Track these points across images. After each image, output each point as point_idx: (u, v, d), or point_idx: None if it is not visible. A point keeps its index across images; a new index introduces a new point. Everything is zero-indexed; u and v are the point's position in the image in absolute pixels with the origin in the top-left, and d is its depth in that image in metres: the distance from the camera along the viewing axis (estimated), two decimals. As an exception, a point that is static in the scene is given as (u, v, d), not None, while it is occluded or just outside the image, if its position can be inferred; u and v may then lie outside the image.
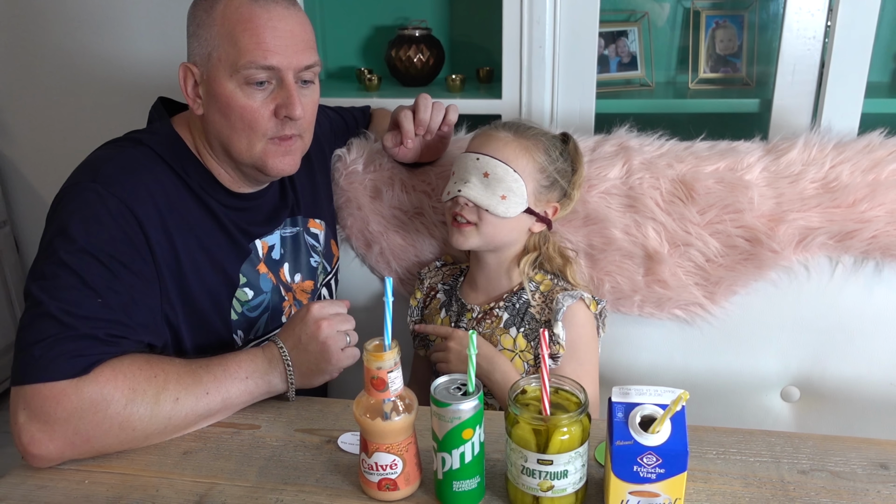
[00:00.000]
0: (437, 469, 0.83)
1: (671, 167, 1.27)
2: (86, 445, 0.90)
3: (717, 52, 1.87)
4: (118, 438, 0.91)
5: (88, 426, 0.89)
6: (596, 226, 1.28)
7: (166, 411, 0.93)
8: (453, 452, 0.80)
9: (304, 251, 1.26)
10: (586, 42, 1.63)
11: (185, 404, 0.94)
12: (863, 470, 0.87)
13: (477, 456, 0.82)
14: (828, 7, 1.53)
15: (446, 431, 0.80)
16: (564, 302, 1.14)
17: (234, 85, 1.03)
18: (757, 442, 0.93)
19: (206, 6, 1.05)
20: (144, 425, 0.92)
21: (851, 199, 1.21)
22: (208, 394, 0.96)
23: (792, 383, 1.30)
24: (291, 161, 1.10)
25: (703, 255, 1.25)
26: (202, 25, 1.05)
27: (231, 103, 1.04)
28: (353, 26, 2.01)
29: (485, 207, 1.12)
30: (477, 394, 0.80)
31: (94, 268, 0.94)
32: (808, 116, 1.59)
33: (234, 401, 0.98)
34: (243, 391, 0.98)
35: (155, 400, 0.92)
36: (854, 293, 1.24)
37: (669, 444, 0.75)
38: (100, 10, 2.07)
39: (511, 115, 1.69)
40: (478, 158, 1.13)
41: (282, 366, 1.00)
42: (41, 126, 2.24)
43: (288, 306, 1.21)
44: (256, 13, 1.02)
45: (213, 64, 1.04)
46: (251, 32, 1.01)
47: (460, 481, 0.82)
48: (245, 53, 1.01)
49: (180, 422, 0.95)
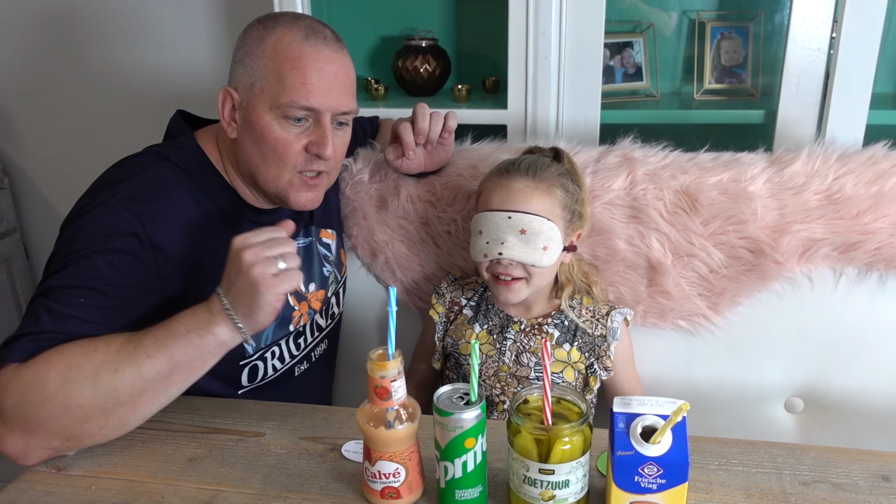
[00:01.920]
0: (440, 478, 0.83)
1: (675, 178, 1.27)
2: (44, 432, 0.89)
3: (722, 63, 1.87)
4: (70, 419, 0.88)
5: (34, 409, 0.88)
6: (600, 236, 1.29)
7: (108, 383, 0.88)
8: (455, 461, 0.81)
9: (317, 261, 1.28)
10: (591, 53, 1.64)
11: (127, 373, 0.89)
12: (865, 482, 0.87)
13: (479, 465, 0.82)
14: (832, 19, 1.54)
15: (449, 440, 0.80)
16: (617, 320, 1.23)
17: (271, 117, 1.05)
18: (759, 453, 0.93)
19: (258, 36, 1.07)
20: (89, 401, 0.88)
21: (855, 210, 1.21)
22: (150, 357, 0.89)
23: (796, 394, 1.30)
24: (314, 197, 1.13)
25: (706, 265, 1.26)
26: (250, 54, 1.06)
27: (266, 134, 1.06)
28: (360, 36, 2.03)
29: (531, 263, 1.13)
30: (479, 403, 0.81)
31: (91, 272, 0.96)
32: (813, 128, 1.59)
33: (179, 358, 0.90)
34: (188, 346, 0.91)
35: (93, 374, 0.88)
36: (858, 304, 1.24)
37: (670, 455, 0.76)
38: (111, 20, 2.09)
39: (517, 126, 1.70)
40: (510, 217, 1.13)
41: (223, 313, 0.92)
42: (51, 135, 2.26)
43: (298, 315, 1.22)
44: (306, 53, 1.04)
45: (254, 93, 1.06)
46: (298, 71, 1.04)
47: (463, 490, 0.82)
48: (289, 92, 1.04)
49: (129, 391, 0.89)
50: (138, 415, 0.92)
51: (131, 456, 0.96)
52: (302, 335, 1.25)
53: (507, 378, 1.20)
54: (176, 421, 1.03)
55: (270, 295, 0.90)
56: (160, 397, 0.92)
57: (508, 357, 1.20)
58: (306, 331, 1.26)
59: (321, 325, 1.30)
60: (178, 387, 0.93)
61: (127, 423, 0.92)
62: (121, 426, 0.92)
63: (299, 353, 1.25)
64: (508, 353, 1.20)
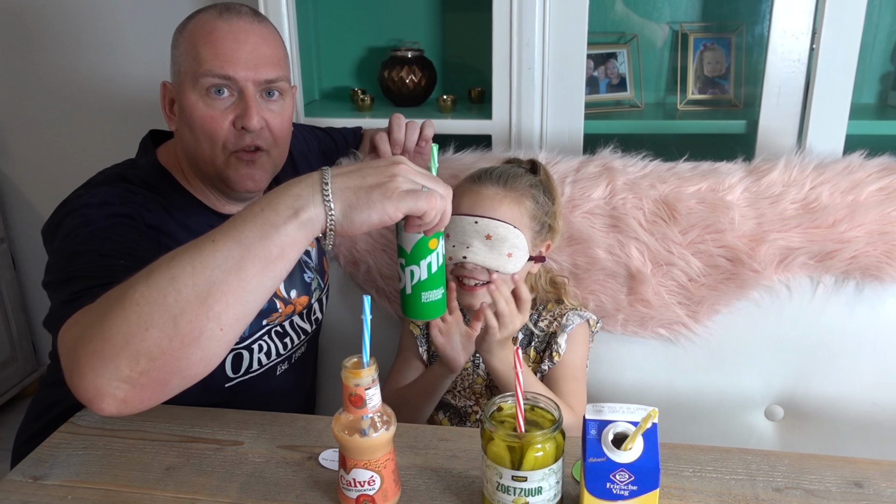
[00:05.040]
0: (406, 285, 0.86)
1: (654, 188, 1.29)
2: (108, 352, 0.75)
3: (705, 74, 1.89)
4: (130, 325, 0.75)
5: (94, 331, 0.77)
6: (580, 245, 1.30)
7: (164, 274, 0.76)
8: (421, 263, 0.85)
9: (298, 268, 1.28)
10: (575, 64, 1.65)
11: (185, 261, 0.76)
12: (837, 488, 0.88)
13: (441, 267, 0.86)
14: (812, 30, 1.56)
15: (414, 243, 0.84)
16: (574, 320, 1.21)
17: (196, 96, 1.07)
18: (733, 460, 0.94)
19: (181, 27, 1.10)
20: (146, 297, 0.75)
21: (831, 219, 1.23)
22: (215, 241, 0.76)
23: (775, 402, 1.31)
24: (255, 174, 1.11)
25: (685, 274, 1.27)
26: (175, 45, 1.10)
27: (193, 114, 1.07)
28: (346, 48, 2.04)
29: (494, 269, 1.14)
30: None
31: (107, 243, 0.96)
32: (794, 138, 1.61)
33: (251, 240, 0.76)
34: (263, 224, 0.76)
35: (148, 271, 0.77)
36: (835, 312, 1.25)
37: (642, 461, 0.76)
38: (99, 31, 2.10)
39: (501, 136, 1.72)
40: (476, 222, 1.14)
41: (319, 192, 0.78)
42: (40, 145, 2.27)
43: (277, 315, 1.22)
44: (218, 26, 1.06)
45: (181, 79, 1.08)
46: (211, 44, 1.05)
47: (428, 292, 0.86)
48: (203, 63, 1.05)
49: (192, 282, 0.75)
50: (214, 320, 0.76)
51: (108, 465, 0.96)
52: (287, 336, 1.26)
53: (482, 390, 1.21)
54: (154, 430, 1.03)
55: (391, 203, 0.77)
56: (235, 294, 0.76)
57: (482, 369, 1.21)
58: (291, 332, 1.27)
59: (306, 330, 1.31)
60: (255, 281, 0.76)
61: (203, 331, 0.76)
62: (197, 335, 0.75)
63: (285, 353, 1.26)
64: (482, 366, 1.21)
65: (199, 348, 0.76)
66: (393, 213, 0.78)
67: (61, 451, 0.98)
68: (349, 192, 0.78)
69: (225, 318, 0.76)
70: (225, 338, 0.78)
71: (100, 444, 1.00)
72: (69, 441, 1.01)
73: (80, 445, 1.00)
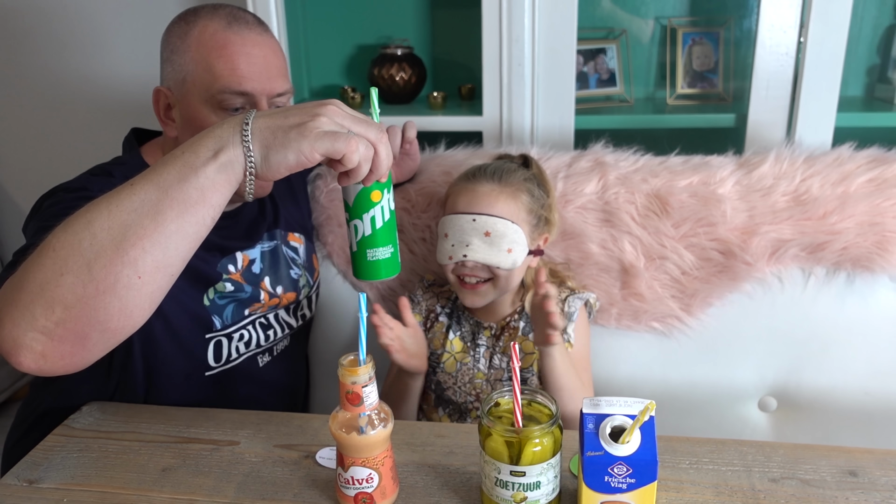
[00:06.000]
0: (352, 242, 0.83)
1: (646, 182, 1.29)
2: (24, 300, 0.74)
3: (694, 69, 1.90)
4: (45, 271, 0.73)
5: (13, 283, 0.76)
6: (573, 240, 1.30)
7: (80, 219, 0.74)
8: (364, 217, 0.81)
9: (284, 264, 1.28)
10: (564, 59, 1.65)
11: (102, 205, 0.75)
12: (832, 477, 0.89)
13: (387, 222, 0.82)
14: (799, 24, 1.56)
15: (355, 196, 0.81)
16: (575, 305, 1.22)
17: (208, 109, 1.06)
18: (729, 451, 0.94)
19: (180, 32, 1.08)
20: (62, 242, 0.74)
21: (822, 211, 1.23)
22: (133, 185, 0.75)
23: (769, 393, 1.31)
24: (266, 184, 1.12)
25: (678, 267, 1.27)
26: (176, 51, 1.08)
27: (205, 125, 1.05)
28: (336, 45, 2.04)
29: (495, 265, 1.14)
30: None
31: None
32: (783, 131, 1.62)
33: (169, 183, 0.74)
34: (182, 167, 0.74)
35: (68, 219, 0.76)
36: (827, 304, 1.26)
37: (639, 454, 0.77)
38: (85, 32, 2.09)
39: (492, 133, 1.71)
40: (474, 219, 1.14)
41: (239, 132, 0.76)
42: (26, 147, 2.25)
43: (260, 307, 1.22)
44: (231, 39, 1.05)
45: (187, 88, 1.07)
46: (226, 59, 1.04)
47: (374, 249, 0.83)
48: (219, 79, 1.04)
49: (108, 225, 0.73)
50: (130, 265, 0.73)
51: (104, 467, 0.95)
52: (271, 328, 1.26)
53: (483, 385, 1.21)
54: (149, 431, 1.03)
55: (306, 142, 0.74)
56: (152, 239, 0.73)
57: (483, 364, 1.21)
58: (275, 324, 1.26)
59: (290, 324, 1.30)
60: (174, 226, 0.74)
61: (119, 278, 0.73)
62: (112, 282, 0.73)
63: (266, 344, 1.26)
64: (483, 360, 1.21)
65: (116, 297, 0.74)
66: (309, 154, 0.74)
67: (56, 454, 0.98)
68: (268, 133, 0.75)
69: (142, 265, 0.73)
70: (144, 287, 0.75)
71: (95, 447, 0.99)
72: (64, 444, 1.00)
73: (74, 448, 0.99)
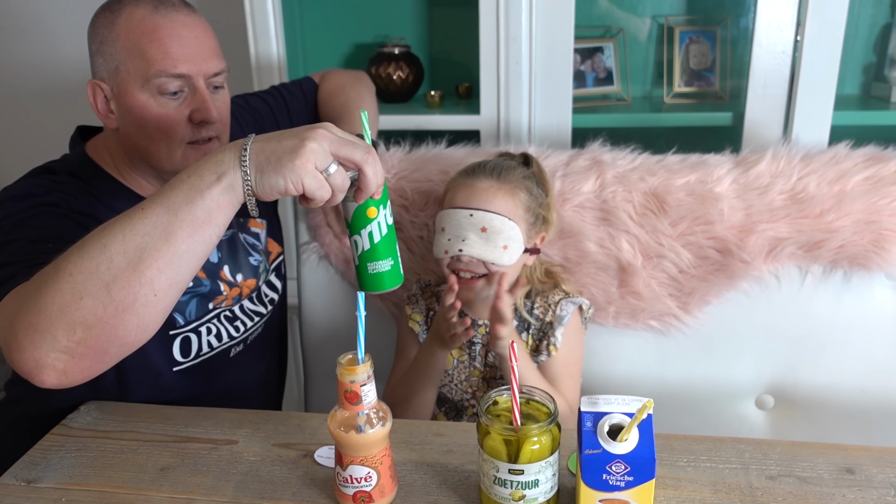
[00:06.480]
0: (354, 256, 0.86)
1: (643, 180, 1.29)
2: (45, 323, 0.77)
3: (691, 67, 1.90)
4: (65, 295, 0.76)
5: (29, 304, 0.78)
6: (570, 239, 1.30)
7: (96, 243, 0.77)
8: (362, 233, 0.84)
9: (243, 251, 1.27)
10: (562, 58, 1.65)
11: (116, 229, 0.77)
12: (829, 475, 0.89)
13: (385, 237, 0.85)
14: (796, 22, 1.57)
15: (353, 212, 0.83)
16: (567, 309, 1.21)
17: (146, 95, 1.06)
18: (727, 449, 0.94)
19: (107, 22, 1.06)
20: (79, 267, 0.77)
21: (819, 209, 1.24)
22: (144, 209, 0.78)
23: (766, 391, 1.32)
24: None
25: (675, 266, 1.27)
26: (105, 42, 1.06)
27: (145, 113, 1.06)
28: (333, 44, 2.03)
29: (490, 261, 1.14)
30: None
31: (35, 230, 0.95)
32: (780, 129, 1.62)
33: (178, 205, 0.77)
34: (189, 190, 0.78)
35: (80, 244, 0.79)
36: (824, 302, 1.26)
37: (637, 452, 0.77)
38: (23, 16, 2.05)
39: (490, 131, 1.71)
40: (471, 214, 1.14)
41: (238, 158, 0.78)
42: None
43: (223, 298, 1.22)
44: (160, 23, 1.04)
45: (121, 78, 1.06)
46: (157, 43, 1.04)
47: (374, 262, 0.85)
48: (154, 64, 1.04)
49: (123, 249, 0.76)
50: (147, 285, 0.77)
51: (102, 467, 0.95)
52: (238, 319, 1.25)
53: (479, 382, 1.21)
54: (147, 430, 1.03)
55: (295, 175, 0.76)
56: (166, 259, 0.77)
57: (479, 361, 1.22)
58: (241, 316, 1.26)
59: (260, 312, 1.30)
60: (185, 246, 0.77)
61: (137, 297, 0.77)
62: (131, 302, 0.77)
63: (238, 336, 1.26)
64: (479, 358, 1.22)
65: (135, 315, 0.78)
66: (296, 185, 0.77)
67: (54, 454, 0.98)
68: (262, 156, 0.78)
69: (157, 284, 0.77)
70: (160, 304, 0.79)
71: (93, 446, 0.99)
72: (62, 443, 1.00)
73: (73, 447, 0.99)
